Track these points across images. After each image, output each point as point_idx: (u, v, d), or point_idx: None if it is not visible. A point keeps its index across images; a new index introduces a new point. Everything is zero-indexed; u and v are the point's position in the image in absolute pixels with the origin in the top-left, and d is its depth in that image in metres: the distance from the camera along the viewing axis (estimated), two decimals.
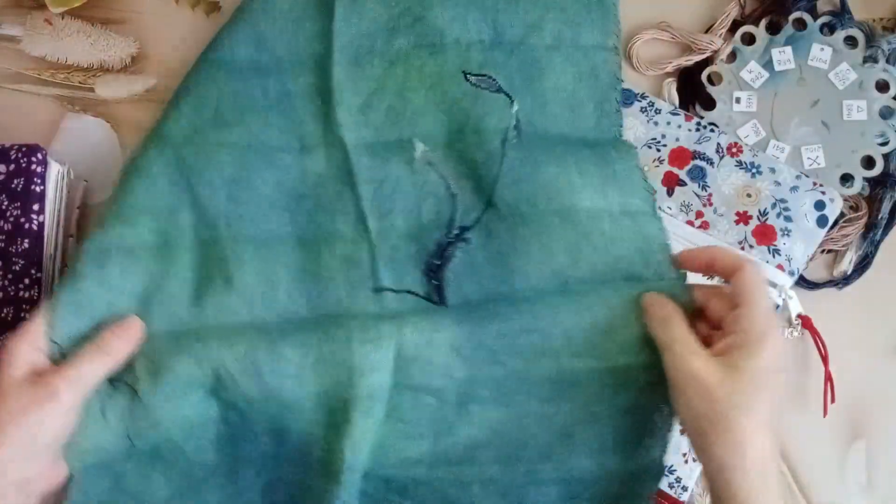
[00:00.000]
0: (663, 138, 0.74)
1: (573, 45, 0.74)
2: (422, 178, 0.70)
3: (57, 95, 0.76)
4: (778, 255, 0.70)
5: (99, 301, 0.64)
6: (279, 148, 0.71)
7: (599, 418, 0.66)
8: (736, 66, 0.77)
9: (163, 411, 0.63)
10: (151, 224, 0.67)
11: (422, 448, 0.66)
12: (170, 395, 0.63)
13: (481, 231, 0.69)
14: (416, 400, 0.65)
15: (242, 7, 0.73)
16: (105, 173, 0.75)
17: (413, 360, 0.64)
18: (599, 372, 0.65)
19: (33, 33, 0.75)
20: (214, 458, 0.66)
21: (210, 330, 0.66)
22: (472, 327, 0.65)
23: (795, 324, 0.72)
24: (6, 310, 0.66)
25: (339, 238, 0.69)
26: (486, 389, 0.65)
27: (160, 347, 0.64)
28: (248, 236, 0.68)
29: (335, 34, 0.72)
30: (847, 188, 0.74)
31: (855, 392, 0.73)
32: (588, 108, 0.74)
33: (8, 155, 0.68)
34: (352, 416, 0.63)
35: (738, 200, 0.72)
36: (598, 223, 0.67)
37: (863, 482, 0.72)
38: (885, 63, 0.76)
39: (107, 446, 0.63)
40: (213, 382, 0.64)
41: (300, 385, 0.64)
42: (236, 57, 0.72)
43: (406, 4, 0.73)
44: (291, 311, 0.68)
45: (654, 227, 0.68)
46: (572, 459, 0.66)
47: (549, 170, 0.69)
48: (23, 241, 0.67)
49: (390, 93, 0.72)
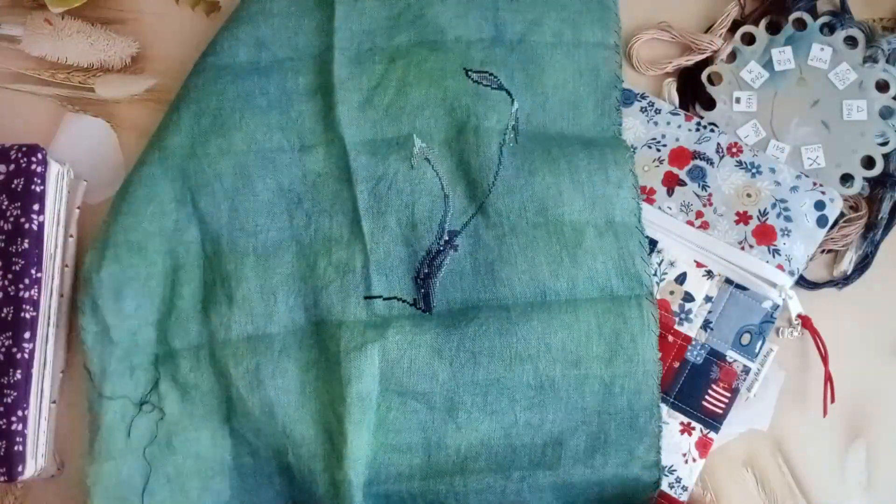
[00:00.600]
0: (663, 138, 0.74)
1: (574, 43, 0.75)
2: (418, 174, 0.70)
3: (57, 95, 0.76)
4: (778, 255, 0.70)
5: (122, 332, 0.68)
6: (279, 149, 0.71)
7: (586, 425, 0.68)
8: (736, 66, 0.77)
9: (178, 440, 0.67)
10: (162, 247, 0.69)
11: (414, 461, 0.68)
12: (191, 414, 0.68)
13: (469, 238, 0.70)
14: (404, 406, 0.67)
15: (241, 8, 0.73)
16: (105, 173, 0.75)
17: (397, 362, 0.66)
18: (578, 379, 0.67)
19: (33, 33, 0.75)
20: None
21: (219, 346, 0.68)
22: (452, 329, 0.67)
23: (795, 324, 0.71)
24: (6, 310, 0.66)
25: (334, 241, 0.70)
26: (470, 395, 0.67)
27: (180, 367, 0.68)
28: (248, 249, 0.70)
29: (335, 32, 0.72)
30: (847, 188, 0.74)
31: (855, 392, 0.73)
32: (588, 106, 0.74)
33: (8, 155, 0.68)
34: (346, 428, 0.65)
35: (738, 200, 0.72)
36: (582, 238, 0.69)
37: (863, 482, 0.72)
38: (885, 63, 0.76)
39: (124, 467, 0.66)
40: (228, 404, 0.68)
41: (302, 405, 0.67)
42: (237, 59, 0.72)
43: (406, 2, 0.74)
44: (290, 321, 0.69)
45: (635, 242, 0.70)
46: (565, 465, 0.68)
47: (543, 179, 0.70)
48: (23, 241, 0.67)
49: (391, 89, 0.72)
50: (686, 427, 0.69)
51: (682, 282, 0.71)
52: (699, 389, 0.69)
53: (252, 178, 0.70)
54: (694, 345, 0.70)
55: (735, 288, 0.70)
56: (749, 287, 0.70)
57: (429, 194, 0.70)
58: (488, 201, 0.70)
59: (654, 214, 0.72)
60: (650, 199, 0.72)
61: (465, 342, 0.67)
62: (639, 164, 0.73)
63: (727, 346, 0.70)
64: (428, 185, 0.70)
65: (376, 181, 0.70)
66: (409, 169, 0.70)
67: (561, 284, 0.69)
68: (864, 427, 0.73)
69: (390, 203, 0.70)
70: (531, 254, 0.69)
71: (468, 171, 0.70)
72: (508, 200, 0.70)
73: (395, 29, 0.73)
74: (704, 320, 0.70)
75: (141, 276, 0.68)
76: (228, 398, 0.68)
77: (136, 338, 0.68)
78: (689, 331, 0.70)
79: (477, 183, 0.70)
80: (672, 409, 0.69)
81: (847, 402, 0.73)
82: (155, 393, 0.68)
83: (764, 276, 0.70)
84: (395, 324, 0.68)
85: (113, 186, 0.73)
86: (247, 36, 0.72)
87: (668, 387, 0.69)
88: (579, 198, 0.70)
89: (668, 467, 0.69)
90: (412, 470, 0.68)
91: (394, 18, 0.74)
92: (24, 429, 0.66)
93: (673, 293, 0.71)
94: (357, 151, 0.71)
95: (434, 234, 0.70)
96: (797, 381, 0.73)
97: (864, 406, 0.74)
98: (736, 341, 0.70)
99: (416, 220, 0.70)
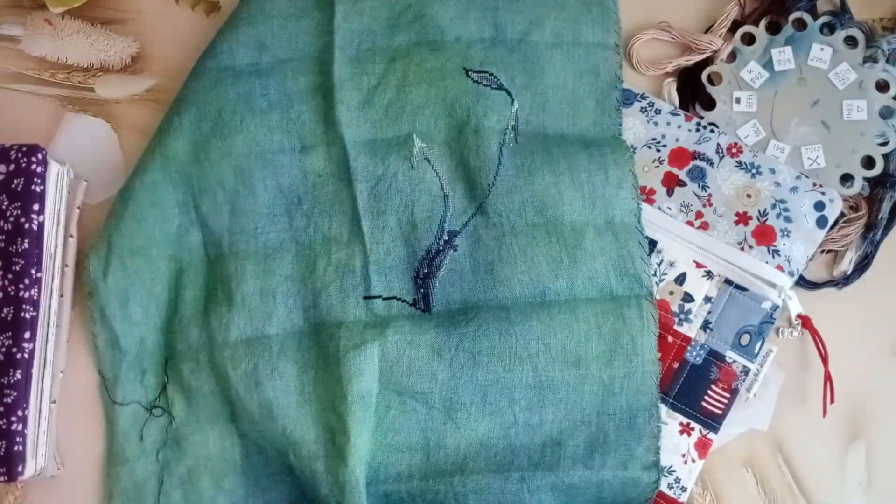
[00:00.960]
0: (663, 138, 0.74)
1: (574, 43, 0.75)
2: (418, 174, 0.70)
3: (57, 95, 0.76)
4: (777, 255, 0.70)
5: (130, 339, 0.69)
6: (280, 150, 0.71)
7: (585, 425, 0.68)
8: (736, 66, 0.77)
9: (188, 443, 0.69)
10: (165, 252, 0.70)
11: (413, 461, 0.68)
12: (197, 416, 0.69)
13: (469, 238, 0.70)
14: (403, 406, 0.67)
15: (240, 10, 0.73)
16: (105, 173, 0.75)
17: (396, 362, 0.67)
18: (577, 379, 0.67)
19: (33, 33, 0.75)
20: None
21: (218, 348, 0.68)
22: (452, 329, 0.67)
23: (795, 324, 0.71)
24: (6, 310, 0.66)
25: (334, 242, 0.70)
26: (469, 395, 0.67)
27: (182, 370, 0.69)
28: (249, 252, 0.70)
29: (336, 32, 0.73)
30: (847, 188, 0.74)
31: (855, 392, 0.73)
32: (588, 106, 0.74)
33: (8, 155, 0.68)
34: (348, 426, 0.65)
35: (738, 201, 0.72)
36: (581, 238, 0.69)
37: (863, 482, 0.72)
38: (885, 63, 0.76)
39: (139, 470, 0.68)
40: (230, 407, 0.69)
41: (300, 406, 0.67)
42: (237, 62, 0.72)
43: (406, 2, 0.74)
44: (289, 323, 0.69)
45: (635, 242, 0.70)
46: (564, 466, 0.68)
47: (543, 179, 0.70)
48: (23, 241, 0.67)
49: (391, 88, 0.72)
50: (685, 427, 0.69)
51: (682, 282, 0.71)
52: (698, 390, 0.69)
53: (253, 181, 0.70)
54: (693, 345, 0.70)
55: (734, 288, 0.70)
56: (748, 288, 0.70)
57: (428, 194, 0.70)
58: (488, 201, 0.70)
59: (654, 215, 0.72)
60: (650, 199, 0.72)
61: (464, 342, 0.67)
62: (639, 164, 0.73)
63: (727, 346, 0.70)
64: (428, 184, 0.70)
65: (376, 181, 0.70)
66: (409, 169, 0.70)
67: (560, 284, 0.69)
68: (864, 427, 0.73)
69: (390, 203, 0.70)
70: (531, 254, 0.69)
71: (468, 170, 0.71)
72: (508, 200, 0.70)
73: (395, 29, 0.73)
74: (704, 321, 0.70)
75: (146, 281, 0.69)
76: (230, 400, 0.68)
77: (145, 344, 0.69)
78: (688, 331, 0.70)
79: (477, 183, 0.70)
80: (671, 410, 0.69)
81: (847, 402, 0.73)
82: (164, 397, 0.69)
83: (763, 277, 0.70)
84: (395, 324, 0.68)
85: (113, 186, 0.73)
86: (247, 38, 0.72)
87: (668, 387, 0.69)
88: (579, 198, 0.70)
89: (667, 468, 0.69)
90: (411, 469, 0.68)
91: (394, 18, 0.74)
92: (24, 429, 0.66)
93: (672, 293, 0.71)
94: (357, 151, 0.71)
95: (434, 233, 0.70)
96: (797, 381, 0.73)
97: (864, 406, 0.74)
98: (735, 342, 0.70)
99: (416, 219, 0.70)
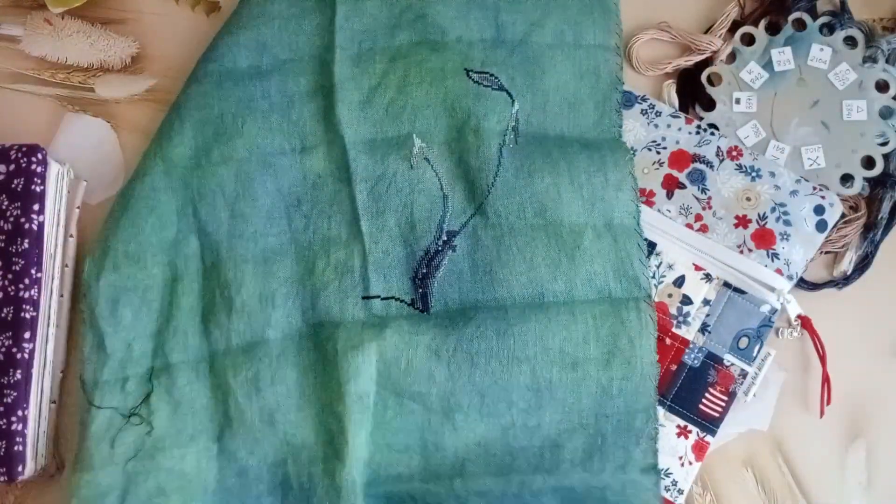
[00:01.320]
0: (663, 141, 0.74)
1: (575, 44, 0.75)
2: (417, 174, 0.70)
3: (57, 95, 0.76)
4: (777, 259, 0.70)
5: (116, 342, 0.68)
6: (280, 152, 0.71)
7: (583, 428, 0.68)
8: (736, 67, 0.76)
9: (163, 456, 0.67)
10: (161, 258, 0.69)
11: (412, 462, 0.68)
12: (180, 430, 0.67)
13: (468, 238, 0.70)
14: (401, 407, 0.67)
15: (240, 11, 0.73)
16: (105, 173, 0.75)
17: (394, 362, 0.66)
18: (575, 381, 0.67)
19: (33, 33, 0.76)
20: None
21: (219, 357, 0.68)
22: (450, 330, 0.67)
23: (795, 324, 0.71)
24: (6, 310, 0.67)
25: (333, 242, 0.70)
26: (467, 396, 0.67)
27: (177, 381, 0.68)
28: (247, 256, 0.70)
29: (337, 31, 0.73)
30: (847, 188, 0.74)
31: (855, 392, 0.73)
32: (588, 107, 0.74)
33: (8, 155, 0.68)
34: (346, 427, 0.65)
35: (738, 204, 0.72)
36: (580, 240, 0.69)
37: (863, 482, 0.72)
38: (884, 63, 0.76)
39: (103, 480, 0.66)
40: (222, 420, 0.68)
41: (301, 409, 0.67)
42: (238, 64, 0.72)
43: (408, 2, 0.74)
44: (288, 325, 0.69)
45: (634, 244, 0.70)
46: (563, 469, 0.67)
47: (543, 180, 0.70)
48: (23, 241, 0.67)
49: (391, 88, 0.72)
50: (683, 430, 0.69)
51: (681, 285, 0.71)
52: (696, 393, 0.69)
53: (252, 184, 0.70)
54: (691, 348, 0.70)
55: (733, 291, 0.70)
56: (747, 291, 0.70)
57: (428, 194, 0.70)
58: (487, 202, 0.70)
59: (654, 217, 0.72)
60: (649, 201, 0.72)
61: (462, 343, 0.67)
62: (638, 166, 0.73)
63: (725, 349, 0.70)
64: (427, 185, 0.70)
65: (375, 181, 0.70)
66: (409, 169, 0.70)
67: (559, 286, 0.69)
68: (864, 427, 0.73)
69: (389, 203, 0.70)
70: (529, 255, 0.69)
71: (468, 171, 0.71)
72: (507, 201, 0.70)
73: (396, 29, 0.73)
74: (702, 323, 0.70)
75: (139, 286, 0.68)
76: (224, 413, 0.68)
77: (132, 349, 0.68)
78: (686, 334, 0.70)
79: (476, 183, 0.70)
80: (669, 412, 0.69)
81: (847, 402, 0.73)
82: (145, 406, 0.67)
83: (762, 280, 0.70)
84: (393, 324, 0.68)
85: (113, 186, 0.74)
86: (248, 40, 0.72)
87: (666, 389, 0.69)
88: (578, 199, 0.70)
89: (665, 470, 0.68)
90: (410, 471, 0.68)
91: (395, 18, 0.74)
92: (24, 429, 0.66)
93: (671, 296, 0.71)
94: (357, 151, 0.71)
95: (433, 234, 0.70)
96: (797, 382, 0.73)
97: (864, 406, 0.74)
98: (734, 345, 0.70)
99: (415, 219, 0.70)
